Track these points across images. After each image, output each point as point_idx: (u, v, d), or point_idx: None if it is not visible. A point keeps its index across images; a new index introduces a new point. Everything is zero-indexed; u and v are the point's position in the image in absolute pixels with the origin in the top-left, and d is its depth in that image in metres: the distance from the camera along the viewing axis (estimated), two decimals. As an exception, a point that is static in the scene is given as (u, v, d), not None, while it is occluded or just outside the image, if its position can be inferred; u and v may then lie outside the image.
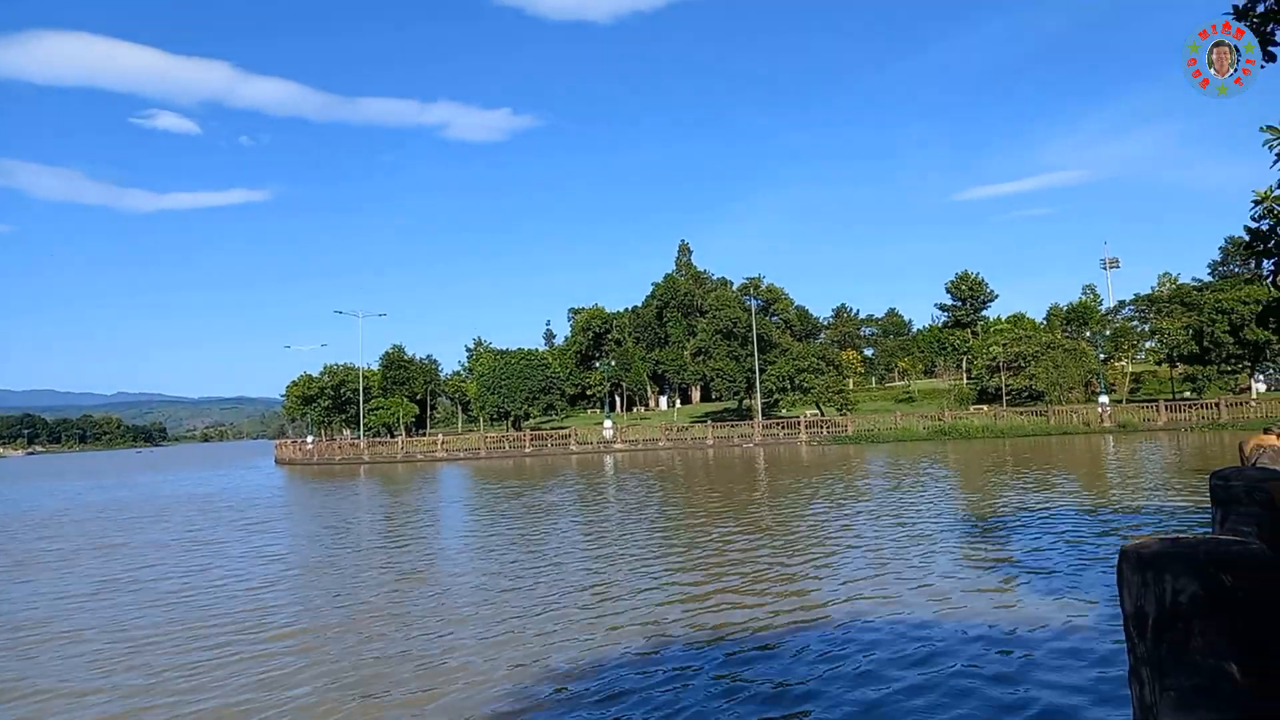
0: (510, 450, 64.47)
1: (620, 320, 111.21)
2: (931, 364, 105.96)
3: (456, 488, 38.41)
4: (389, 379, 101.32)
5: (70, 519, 31.87)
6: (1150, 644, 2.75)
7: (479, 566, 16.49)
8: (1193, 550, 2.70)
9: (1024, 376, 66.77)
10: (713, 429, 64.33)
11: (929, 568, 13.72)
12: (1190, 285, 77.70)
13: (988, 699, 7.74)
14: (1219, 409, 52.16)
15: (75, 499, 43.25)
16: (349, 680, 9.56)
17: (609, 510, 25.03)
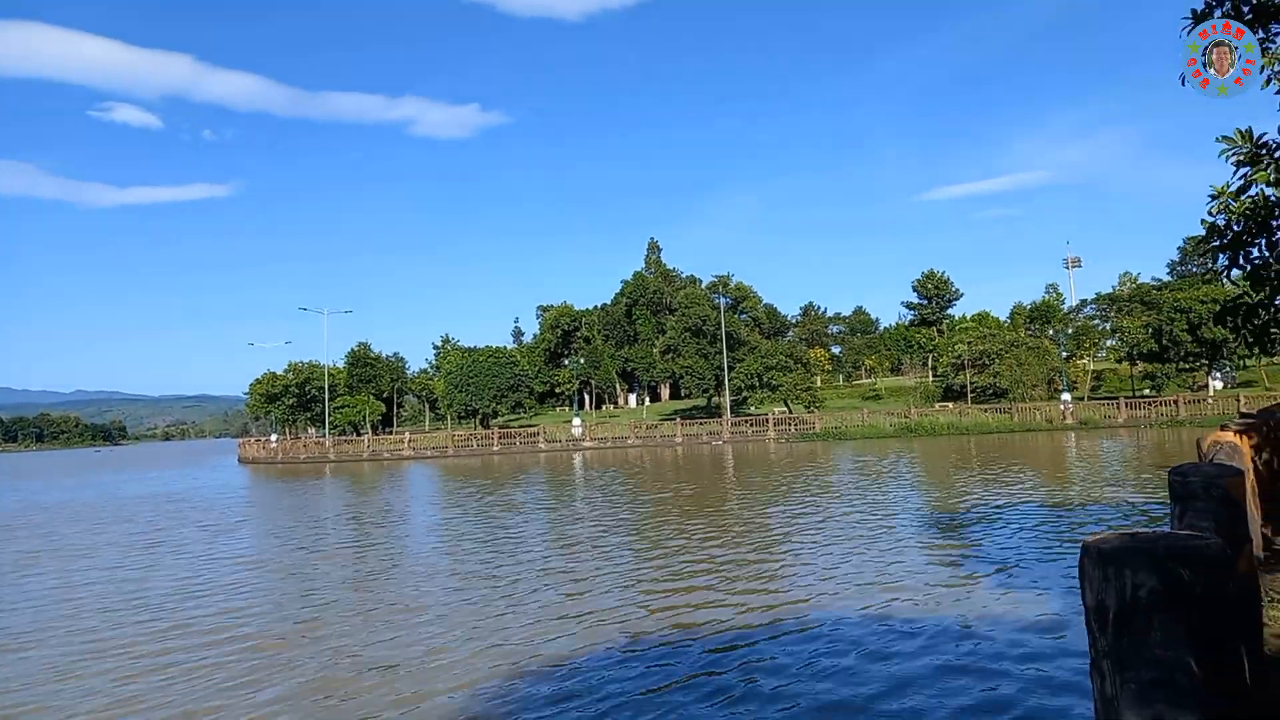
0: (478, 449, 64.16)
1: (589, 318, 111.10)
2: (898, 362, 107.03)
3: (424, 486, 38.15)
4: (355, 377, 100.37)
5: (25, 521, 31.20)
6: (1111, 638, 2.78)
7: (448, 566, 16.38)
8: (1152, 545, 2.73)
9: (988, 374, 67.71)
10: (682, 427, 64.47)
11: (895, 563, 13.84)
12: (1150, 285, 79.25)
13: (951, 692, 7.81)
14: (1177, 406, 53.22)
15: (31, 499, 42.34)
16: (317, 683, 9.45)
17: (578, 509, 24.98)
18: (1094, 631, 2.85)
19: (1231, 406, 48.17)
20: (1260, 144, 5.32)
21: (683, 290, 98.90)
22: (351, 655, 10.39)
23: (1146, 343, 64.28)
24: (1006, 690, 7.79)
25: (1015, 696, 7.63)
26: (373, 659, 10.16)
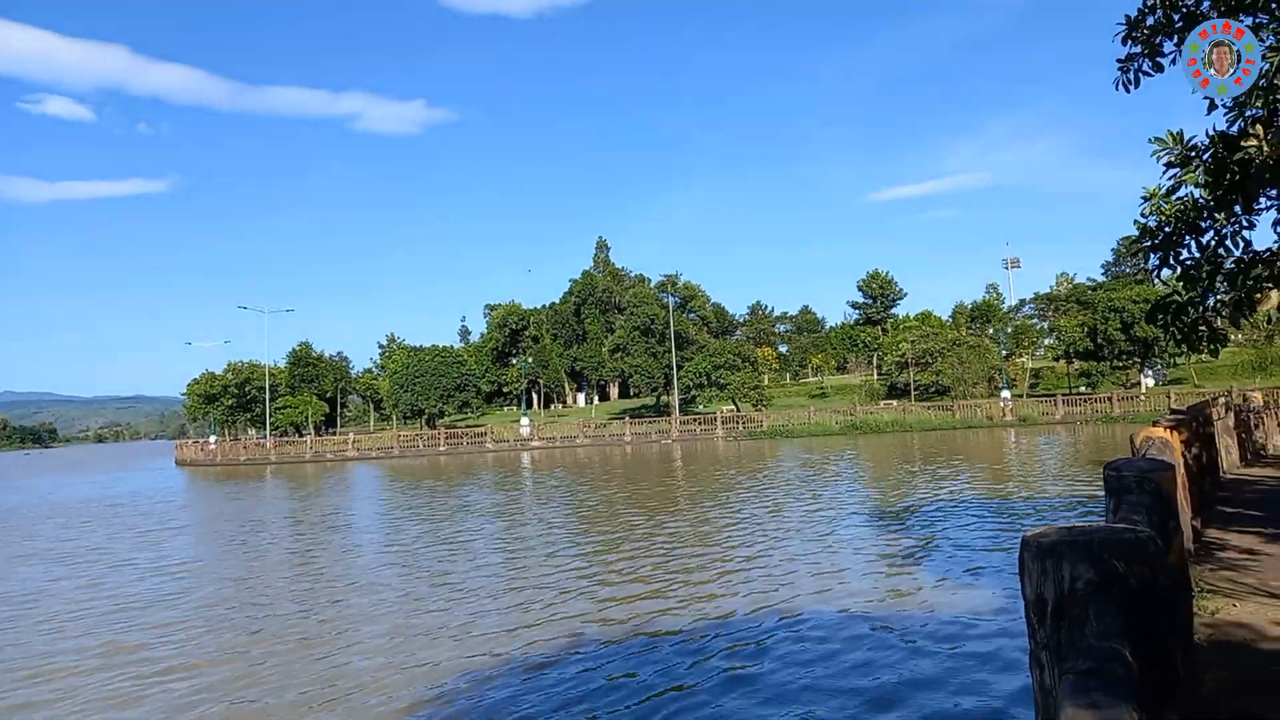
0: (424, 449, 63.42)
1: (538, 317, 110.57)
2: (844, 360, 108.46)
3: (369, 488, 37.57)
4: (297, 377, 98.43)
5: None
6: (1049, 629, 2.83)
7: (393, 569, 16.14)
8: (1089, 538, 2.79)
9: (931, 372, 69.00)
10: (631, 426, 64.50)
11: (840, 559, 14.00)
12: (1085, 285, 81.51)
13: (897, 684, 7.91)
14: (1111, 403, 54.81)
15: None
16: (255, 695, 9.23)
17: (525, 509, 24.83)
18: (1033, 623, 2.90)
19: (1163, 403, 49.74)
20: (1190, 147, 5.48)
21: (631, 289, 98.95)
22: (293, 665, 10.16)
23: (1082, 341, 66.13)
24: (948, 683, 7.91)
25: (958, 688, 7.75)
26: (306, 679, 9.85)
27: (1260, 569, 7.15)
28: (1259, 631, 5.37)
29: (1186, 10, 6.38)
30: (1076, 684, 2.21)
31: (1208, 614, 5.75)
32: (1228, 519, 9.85)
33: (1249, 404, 18.40)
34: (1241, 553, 7.87)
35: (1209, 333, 6.19)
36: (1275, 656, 4.90)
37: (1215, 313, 6.08)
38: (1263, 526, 9.23)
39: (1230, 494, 12.12)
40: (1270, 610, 5.82)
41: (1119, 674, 2.24)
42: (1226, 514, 10.24)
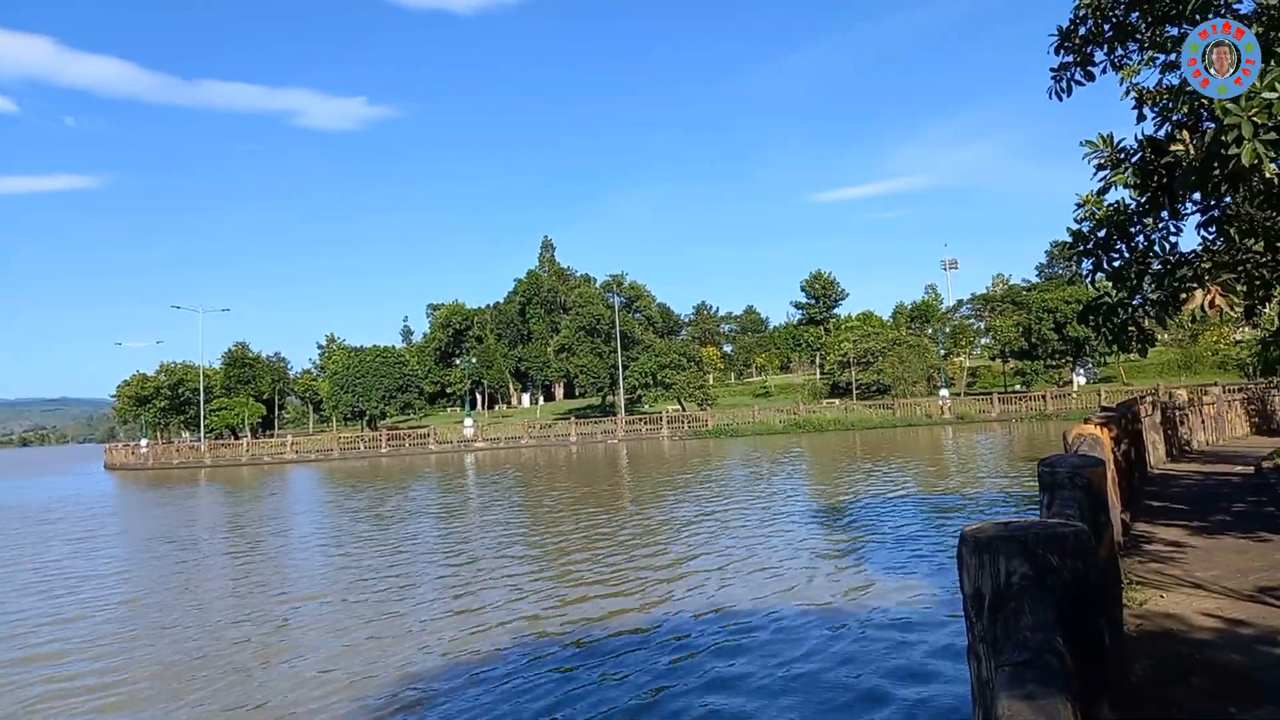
0: (366, 451, 62.41)
1: (482, 317, 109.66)
2: (787, 360, 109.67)
3: (307, 491, 36.84)
4: (232, 378, 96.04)
5: None
6: (986, 623, 2.87)
7: (332, 575, 15.83)
8: (1024, 533, 2.84)
9: (872, 372, 70.17)
10: (576, 426, 64.33)
11: (784, 556, 14.12)
12: (1020, 286, 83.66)
13: (836, 678, 8.00)
14: (1045, 401, 56.34)
15: None
16: (184, 713, 8.96)
17: (469, 511, 24.59)
18: (971, 617, 2.95)
19: (1094, 401, 51.26)
20: (1120, 150, 5.65)
21: (577, 289, 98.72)
22: (213, 691, 9.86)
23: (1017, 341, 67.87)
24: (889, 675, 8.02)
25: (898, 680, 7.87)
26: (240, 693, 9.57)
27: (1186, 561, 7.40)
28: (1185, 621, 5.54)
29: (1116, 21, 6.57)
30: (1013, 675, 2.24)
31: (1137, 605, 5.93)
32: (1155, 513, 10.18)
33: (1174, 401, 19.03)
34: (1168, 545, 8.13)
35: (1138, 333, 6.38)
36: (1200, 645, 5.07)
37: (1144, 313, 6.27)
38: (1188, 520, 9.55)
39: (1157, 488, 12.53)
40: (1195, 600, 6.02)
41: (1053, 665, 2.29)
42: (1154, 508, 10.58)
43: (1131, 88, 6.12)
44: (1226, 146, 4.44)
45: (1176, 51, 5.89)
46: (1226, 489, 12.27)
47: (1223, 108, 4.43)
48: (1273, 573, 6.76)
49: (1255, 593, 6.15)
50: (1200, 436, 20.03)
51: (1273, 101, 4.29)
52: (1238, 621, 5.47)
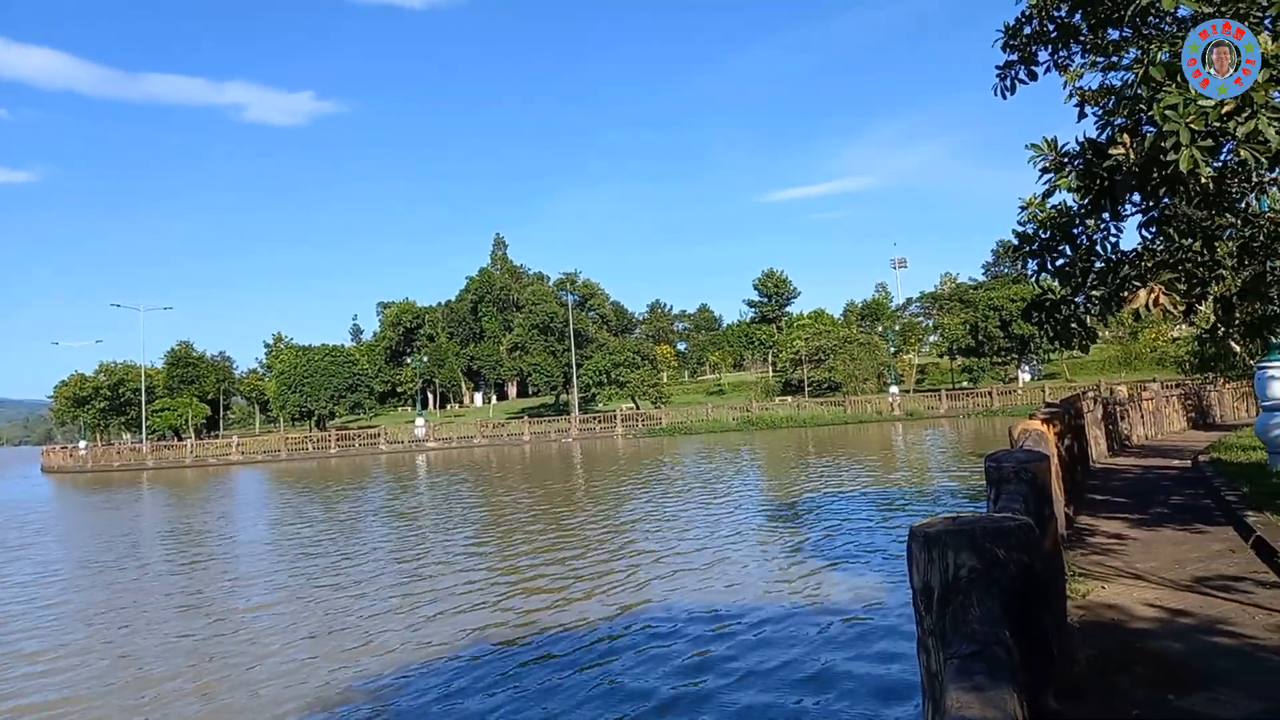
0: (314, 451, 61.38)
1: (433, 315, 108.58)
2: (740, 358, 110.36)
3: (254, 493, 36.13)
4: (175, 378, 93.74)
5: None
6: (935, 616, 2.90)
7: (279, 579, 15.54)
8: (971, 527, 2.88)
9: (824, 369, 70.96)
10: (529, 425, 64.03)
11: (735, 553, 14.20)
12: (967, 284, 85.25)
13: (790, 673, 8.07)
14: (992, 397, 57.49)
15: None
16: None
17: (420, 512, 24.34)
18: (920, 611, 2.98)
19: (1038, 397, 52.44)
20: (1063, 153, 5.76)
21: (530, 287, 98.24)
22: (161, 704, 9.64)
23: (964, 338, 69.17)
24: (839, 669, 8.11)
25: (847, 674, 7.96)
26: (188, 708, 9.41)
27: (1127, 552, 7.60)
28: (1126, 611, 5.69)
29: (1060, 21, 6.71)
30: (961, 667, 2.28)
31: (1080, 596, 6.07)
32: (1097, 506, 10.44)
33: (1115, 397, 19.55)
34: (1110, 537, 8.35)
35: (1081, 329, 6.52)
36: (1141, 635, 5.20)
37: (1087, 311, 6.41)
38: (1128, 512, 9.82)
39: (1099, 482, 12.86)
40: (1136, 591, 6.19)
41: (1000, 656, 2.32)
42: (1096, 501, 10.85)
43: (1075, 90, 6.25)
44: (1165, 152, 4.55)
45: (1118, 54, 6.03)
46: (1165, 482, 12.64)
47: (1162, 114, 4.54)
48: (1209, 563, 6.98)
49: (1192, 583, 6.34)
50: (1140, 431, 20.61)
51: (1208, 108, 4.41)
52: (1176, 611, 5.63)
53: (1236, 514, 8.54)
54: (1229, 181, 5.70)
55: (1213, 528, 8.50)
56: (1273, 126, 4.27)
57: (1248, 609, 5.55)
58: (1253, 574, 6.45)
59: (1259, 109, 4.31)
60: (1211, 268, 6.68)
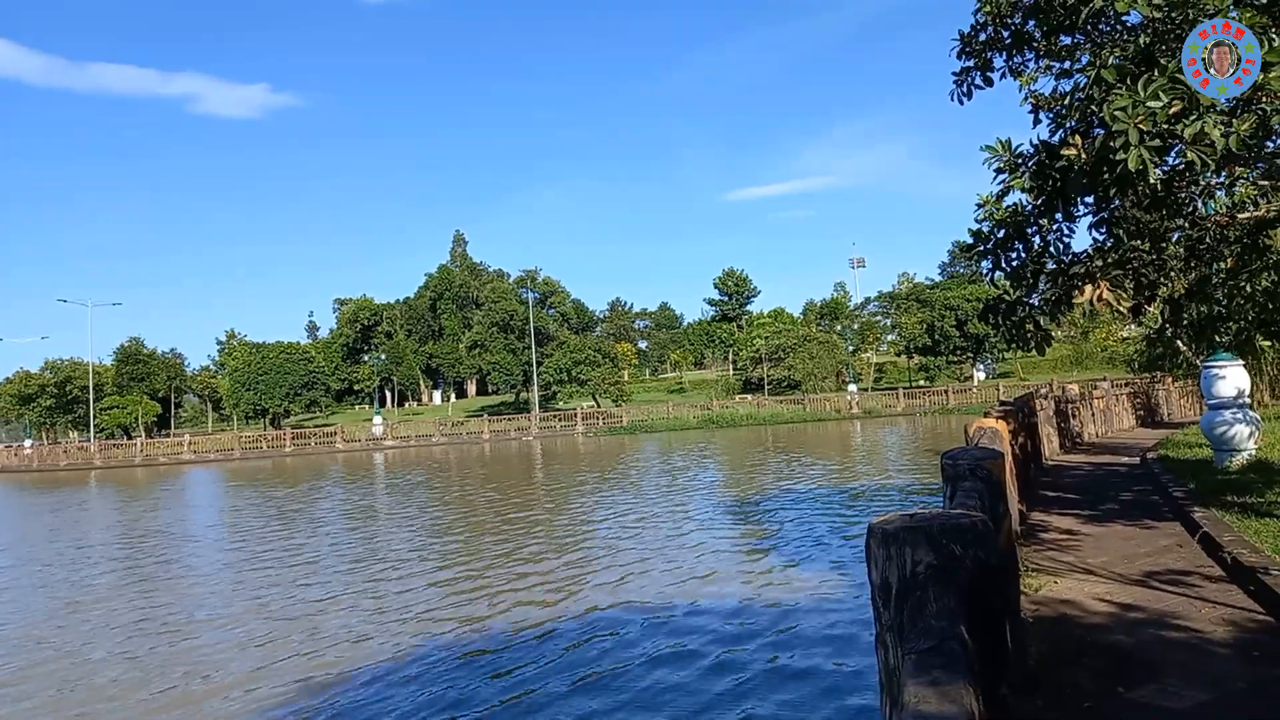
0: (269, 450, 60.43)
1: (391, 312, 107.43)
2: (701, 356, 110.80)
3: (208, 494, 35.48)
4: (125, 375, 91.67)
5: None
6: (893, 612, 2.92)
7: (233, 579, 15.28)
8: (928, 524, 2.90)
9: (783, 367, 71.49)
10: (489, 423, 63.63)
11: (695, 551, 14.24)
12: (924, 284, 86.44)
13: (748, 671, 8.11)
14: (947, 395, 58.35)
15: None
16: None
17: (376, 512, 24.07)
18: (879, 607, 3.01)
19: (993, 395, 53.30)
20: (1017, 155, 5.87)
21: (490, 284, 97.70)
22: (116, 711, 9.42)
23: (921, 338, 70.14)
24: (798, 665, 8.17)
25: (806, 669, 8.02)
26: (149, 702, 9.24)
27: (1078, 548, 7.75)
28: (1078, 606, 5.80)
29: (1014, 28, 6.82)
30: (918, 662, 2.29)
31: (1033, 591, 6.17)
32: (1050, 502, 10.64)
33: (1067, 396, 19.93)
34: (1062, 533, 8.51)
35: (1036, 331, 6.64)
36: (1092, 628, 5.31)
37: (1040, 311, 6.53)
38: (1080, 509, 10.02)
39: (1051, 479, 13.10)
40: (1087, 585, 6.31)
41: (957, 651, 2.35)
42: (1048, 498, 11.06)
43: (1029, 94, 6.36)
44: (1114, 152, 4.64)
45: (1071, 59, 6.15)
46: (1115, 479, 12.92)
47: (1111, 115, 4.63)
48: (1157, 558, 7.14)
49: (1142, 577, 6.48)
50: (1091, 429, 21.04)
51: (1156, 110, 4.51)
52: (1126, 605, 5.75)
53: (1184, 510, 8.75)
54: (1177, 185, 5.84)
55: (1161, 523, 8.70)
56: (1218, 129, 4.37)
57: (1195, 602, 5.69)
58: (1199, 568, 6.61)
59: (1205, 111, 4.41)
60: (1160, 268, 6.83)
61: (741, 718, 7.14)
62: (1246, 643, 4.85)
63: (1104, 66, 4.91)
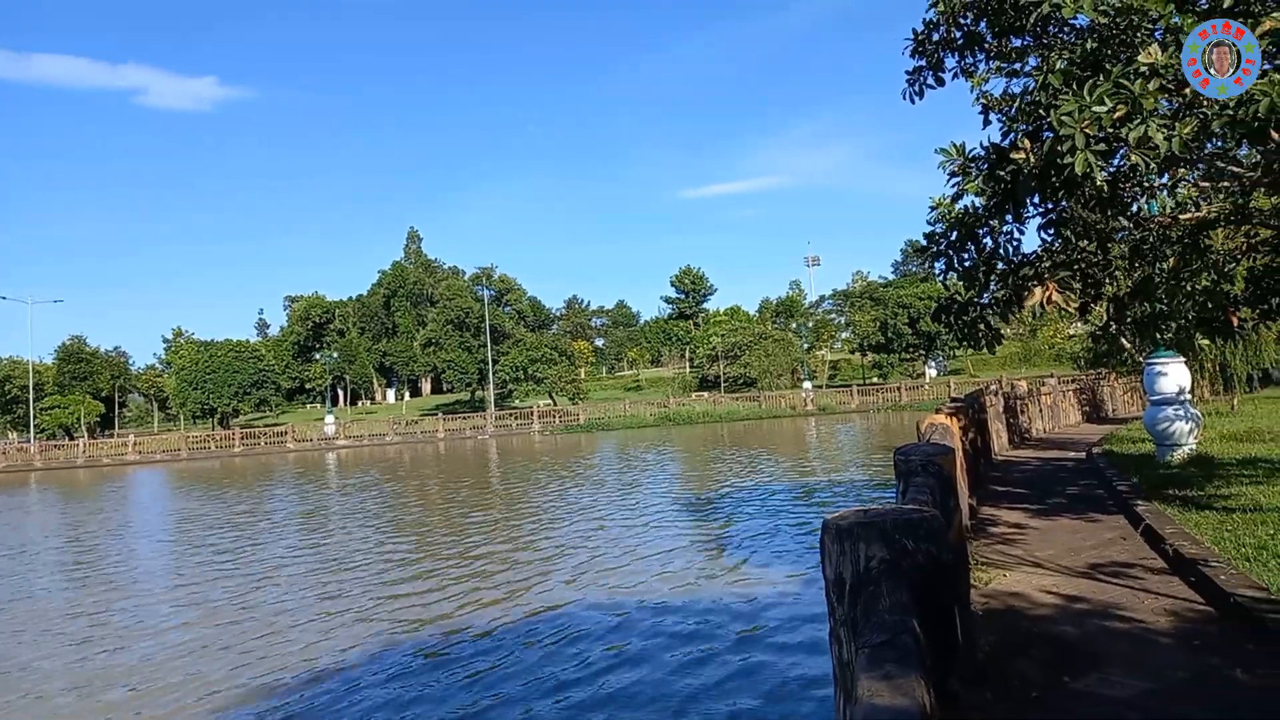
0: (217, 450, 59.17)
1: (343, 309, 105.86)
2: (658, 354, 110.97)
3: (154, 495, 34.66)
4: (67, 374, 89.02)
5: None
6: (847, 606, 2.95)
7: (176, 587, 14.94)
8: (881, 520, 2.94)
9: (740, 365, 71.92)
10: (444, 422, 63.03)
11: (650, 548, 14.26)
12: (878, 283, 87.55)
13: (704, 666, 8.14)
14: (900, 392, 59.20)
15: None
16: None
17: (328, 513, 23.73)
18: (833, 602, 3.03)
19: (944, 392, 54.18)
20: (969, 158, 5.96)
21: (445, 281, 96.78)
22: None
23: (875, 335, 71.07)
24: (753, 662, 8.22)
25: (760, 665, 8.07)
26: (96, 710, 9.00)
27: (1026, 541, 7.91)
28: (1026, 599, 5.92)
29: (966, 29, 6.91)
30: (872, 656, 2.32)
31: (983, 584, 6.28)
32: (999, 497, 10.84)
33: (1016, 392, 20.33)
34: (1011, 527, 8.67)
35: (987, 330, 6.75)
36: (1039, 620, 5.42)
37: (991, 310, 6.64)
38: (1028, 503, 10.22)
39: (1001, 474, 13.35)
40: (1035, 578, 6.44)
41: (909, 644, 2.38)
42: (998, 492, 11.27)
43: (980, 95, 6.46)
44: (1062, 155, 4.74)
45: (1020, 61, 6.26)
46: (1062, 473, 13.21)
47: (1059, 119, 4.72)
48: (1102, 550, 7.32)
49: (1087, 569, 6.64)
50: (1039, 425, 21.49)
51: (1102, 115, 4.61)
52: (1072, 597, 5.88)
53: (1127, 503, 8.97)
54: (1122, 186, 5.97)
55: (1106, 516, 8.91)
56: (1161, 132, 4.48)
57: (1138, 594, 5.84)
58: (1142, 560, 6.78)
59: (1148, 115, 4.51)
60: (1106, 268, 6.99)
61: (698, 714, 7.17)
62: (1187, 633, 4.99)
63: (1052, 70, 5.00)
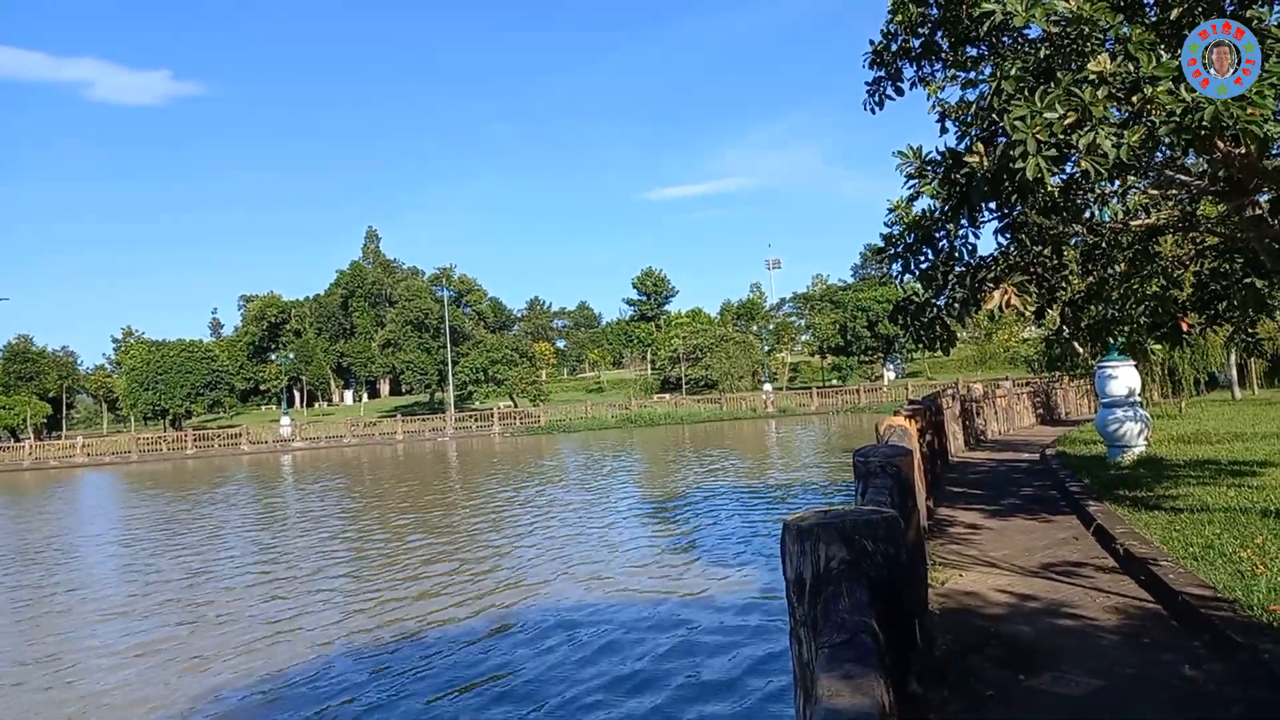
0: (169, 452, 58.00)
1: (300, 309, 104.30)
2: (620, 355, 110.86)
3: (103, 499, 33.87)
4: (12, 374, 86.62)
5: None
6: (807, 607, 2.97)
7: (128, 592, 14.62)
8: (841, 520, 2.96)
9: (701, 367, 72.19)
10: (402, 423, 62.40)
11: (614, 550, 14.25)
12: (837, 286, 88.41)
13: (663, 666, 8.15)
14: (859, 394, 59.86)
15: None
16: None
17: (283, 516, 23.38)
18: (793, 602, 3.05)
19: (902, 394, 54.83)
20: (926, 161, 6.05)
21: (404, 282, 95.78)
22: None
23: (834, 338, 71.80)
24: (715, 662, 8.25)
25: (724, 664, 8.10)
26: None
27: (982, 542, 8.04)
28: (982, 597, 6.01)
29: (923, 39, 7.01)
30: (831, 655, 2.34)
31: (940, 584, 6.37)
32: (955, 498, 11.00)
33: (972, 395, 20.64)
34: (967, 528, 8.80)
35: (943, 331, 6.85)
36: (995, 619, 5.50)
37: (948, 312, 6.74)
38: (984, 504, 10.38)
39: (957, 475, 13.55)
40: (990, 578, 6.54)
41: (868, 644, 2.40)
42: (954, 493, 11.43)
43: (937, 102, 6.56)
44: (1015, 160, 4.83)
45: (975, 70, 6.36)
46: (1016, 474, 13.44)
47: (1011, 125, 4.81)
48: (1055, 550, 7.46)
49: (1040, 569, 6.76)
50: (994, 426, 21.85)
51: (1053, 121, 4.70)
52: (1026, 596, 5.98)
53: (1079, 504, 9.16)
54: (1075, 192, 6.10)
55: (1059, 517, 9.09)
56: (1110, 139, 4.58)
57: (1089, 592, 5.96)
58: (1093, 560, 6.92)
59: (1098, 123, 4.62)
60: (1060, 271, 7.13)
61: (658, 714, 7.17)
62: (1137, 630, 5.10)
63: (1005, 77, 5.10)
